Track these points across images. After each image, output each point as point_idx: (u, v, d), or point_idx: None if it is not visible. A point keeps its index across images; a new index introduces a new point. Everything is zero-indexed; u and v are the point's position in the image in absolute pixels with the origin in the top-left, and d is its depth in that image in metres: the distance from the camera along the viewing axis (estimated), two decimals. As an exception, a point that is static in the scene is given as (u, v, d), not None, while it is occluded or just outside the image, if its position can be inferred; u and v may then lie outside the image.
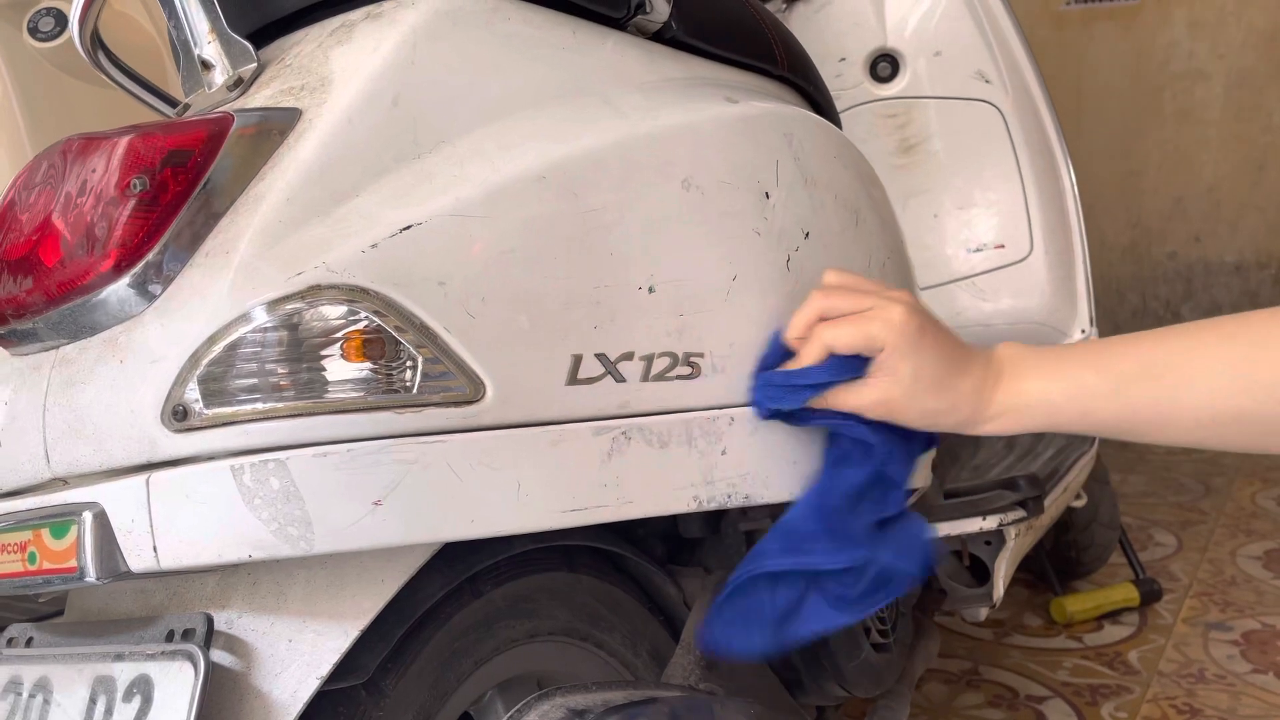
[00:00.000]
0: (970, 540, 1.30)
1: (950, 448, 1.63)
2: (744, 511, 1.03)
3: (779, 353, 0.84)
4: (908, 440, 0.84)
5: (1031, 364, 0.78)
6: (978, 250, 1.89)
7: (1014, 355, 0.79)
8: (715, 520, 1.05)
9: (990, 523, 1.23)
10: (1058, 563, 2.12)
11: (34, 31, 1.56)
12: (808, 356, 0.80)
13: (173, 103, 0.94)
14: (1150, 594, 2.07)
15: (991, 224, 1.89)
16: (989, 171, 1.86)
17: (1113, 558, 2.18)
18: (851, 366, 0.79)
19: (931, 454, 1.03)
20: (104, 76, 0.91)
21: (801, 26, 1.82)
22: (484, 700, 0.88)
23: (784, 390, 0.81)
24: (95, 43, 0.87)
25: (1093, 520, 2.06)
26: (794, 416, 0.83)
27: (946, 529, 1.21)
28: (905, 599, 1.21)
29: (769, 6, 1.75)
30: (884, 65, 1.86)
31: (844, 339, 0.78)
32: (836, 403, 0.80)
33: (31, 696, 0.70)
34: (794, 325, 0.82)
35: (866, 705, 1.26)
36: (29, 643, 0.75)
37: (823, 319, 0.80)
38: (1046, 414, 0.76)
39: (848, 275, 0.84)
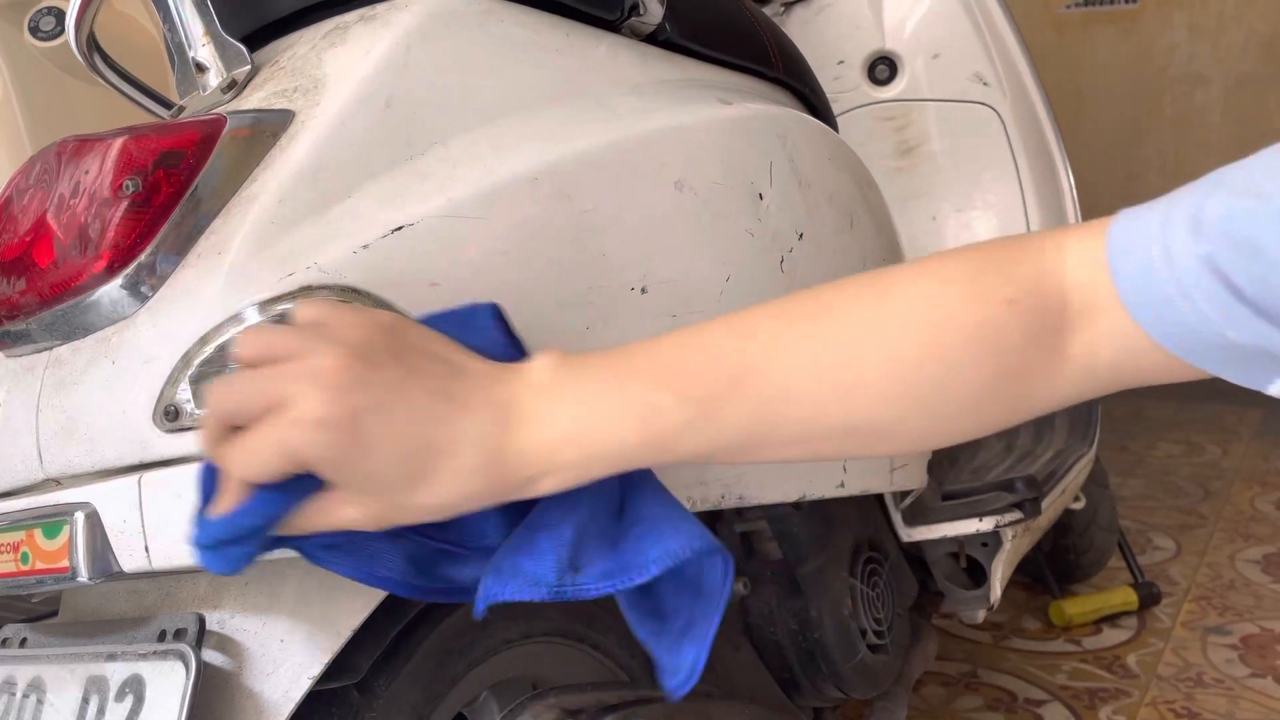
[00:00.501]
0: (968, 542, 1.30)
1: (948, 450, 1.63)
2: (739, 512, 1.04)
3: (213, 477, 0.56)
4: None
5: (580, 394, 0.56)
6: (976, 253, 1.89)
7: (558, 383, 0.57)
8: (711, 521, 1.06)
9: (987, 524, 1.23)
10: (1056, 566, 2.12)
11: (35, 31, 1.57)
12: (226, 497, 0.53)
13: (168, 104, 0.95)
14: (1149, 598, 2.06)
15: (990, 227, 1.89)
16: (987, 174, 1.86)
17: (1111, 561, 2.18)
18: (301, 482, 0.53)
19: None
20: (99, 78, 0.91)
21: (800, 29, 1.83)
22: (478, 701, 0.88)
23: (225, 545, 0.53)
24: (91, 44, 0.88)
25: (1091, 523, 2.06)
26: (289, 546, 0.57)
27: (942, 531, 1.21)
28: (901, 600, 1.21)
29: (766, 9, 1.75)
30: (882, 68, 1.86)
31: (253, 468, 0.52)
32: (313, 526, 0.55)
33: (25, 697, 0.70)
34: (202, 439, 0.55)
35: (864, 707, 1.26)
36: (23, 643, 0.76)
37: (230, 425, 0.54)
38: (615, 459, 0.56)
39: (266, 333, 0.55)
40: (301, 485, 0.53)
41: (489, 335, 0.62)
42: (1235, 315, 0.48)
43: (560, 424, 0.56)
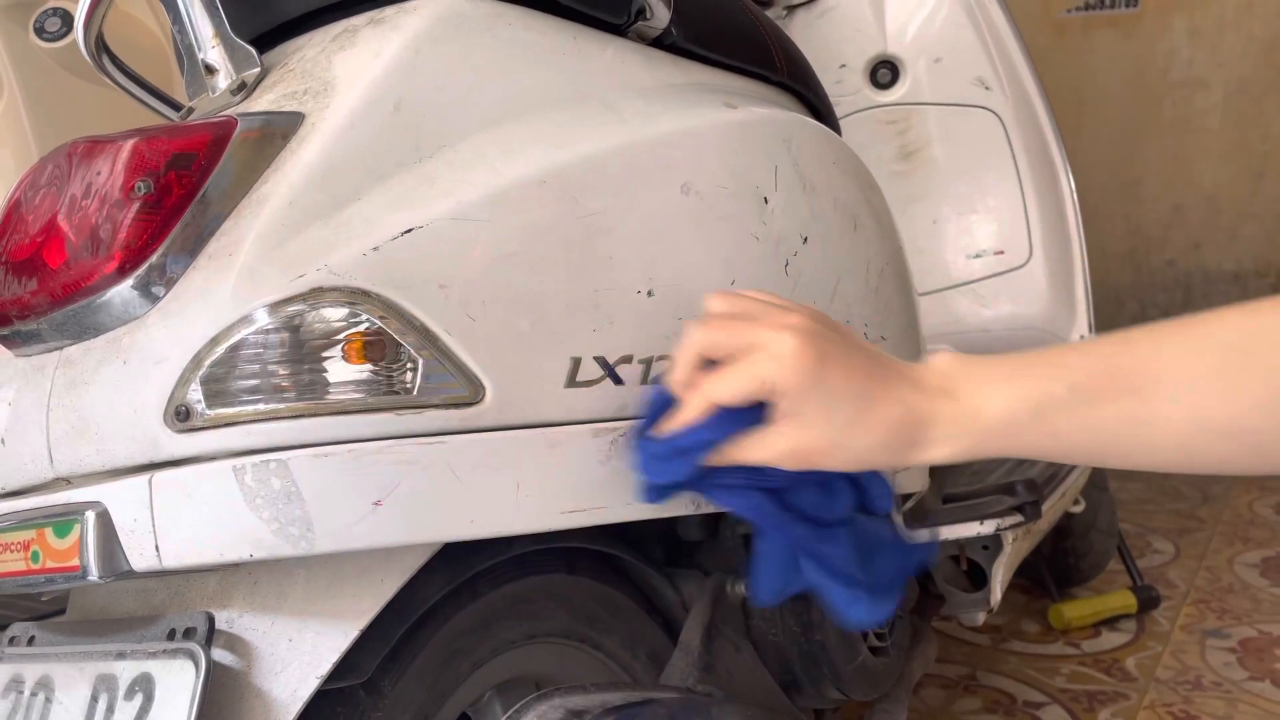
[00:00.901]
0: (968, 545, 1.31)
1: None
2: (742, 515, 1.04)
3: (666, 405, 0.70)
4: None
5: (984, 378, 0.66)
6: (977, 256, 1.90)
7: (961, 370, 0.67)
8: (714, 523, 1.06)
9: (988, 528, 1.23)
10: (1056, 569, 2.12)
11: (40, 31, 1.57)
12: (689, 413, 0.67)
13: (176, 106, 0.95)
14: (1148, 601, 2.07)
15: (991, 230, 1.90)
16: (988, 178, 1.87)
17: (1110, 564, 2.19)
18: (748, 414, 0.66)
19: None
20: (107, 79, 0.91)
21: (802, 33, 1.83)
22: (482, 701, 0.89)
23: (668, 458, 0.68)
24: (100, 46, 0.88)
25: (1091, 527, 2.06)
26: (696, 484, 0.70)
27: (944, 534, 1.21)
28: (903, 603, 1.21)
29: (769, 13, 1.75)
30: (884, 71, 1.87)
31: (729, 389, 0.66)
32: (742, 457, 0.67)
33: (33, 695, 0.71)
34: (675, 370, 0.69)
35: (864, 709, 1.27)
36: (30, 641, 0.76)
37: (706, 359, 0.68)
38: (1009, 436, 0.65)
39: (734, 297, 0.70)
40: (747, 417, 0.66)
41: None
42: None
43: (963, 401, 0.66)
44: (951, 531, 1.22)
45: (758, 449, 0.66)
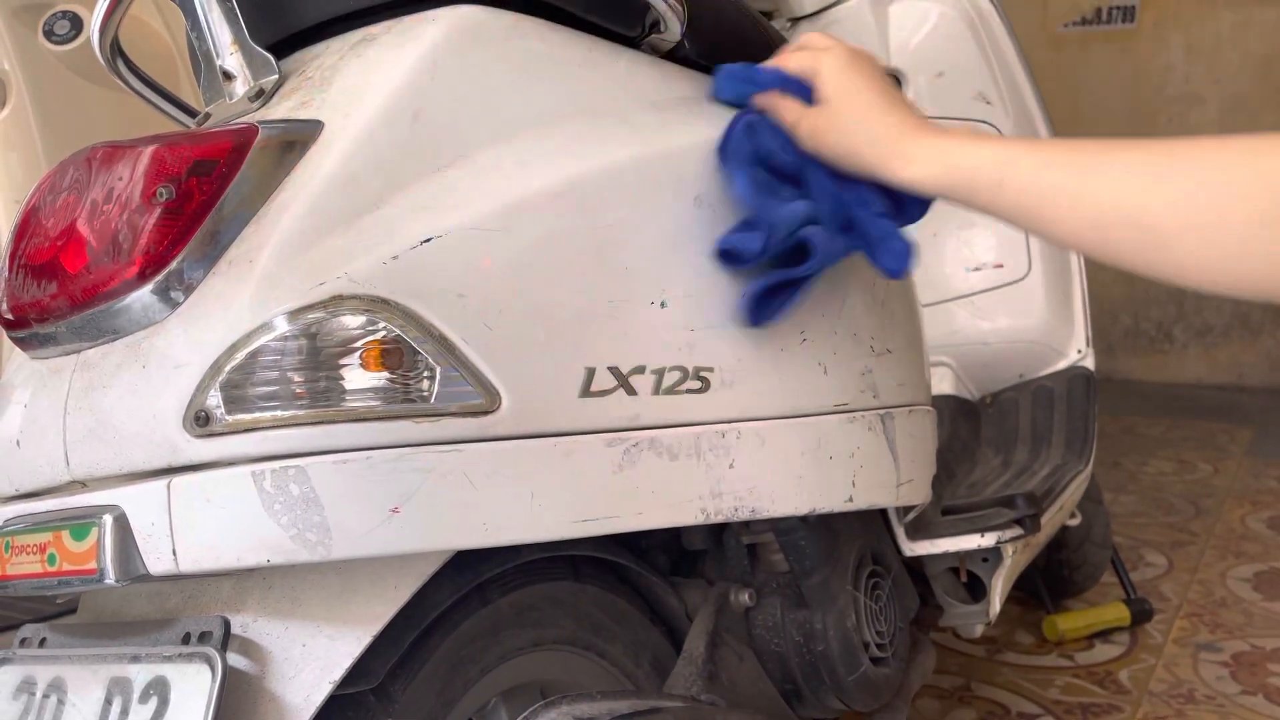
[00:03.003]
0: (968, 557, 1.31)
1: (946, 464, 1.64)
2: (747, 524, 1.05)
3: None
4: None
5: (959, 134, 0.83)
6: (976, 269, 1.91)
7: (940, 123, 0.85)
8: (718, 532, 1.07)
9: (988, 540, 1.24)
10: (1050, 581, 2.13)
11: (49, 34, 1.57)
12: (766, 68, 0.91)
13: (190, 111, 0.95)
14: (1141, 614, 2.08)
15: (990, 243, 1.90)
16: (989, 191, 1.87)
17: (1104, 577, 2.19)
18: (800, 87, 0.88)
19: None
20: (121, 84, 0.92)
21: (805, 45, 1.84)
22: (488, 707, 0.89)
23: (739, 80, 0.91)
24: (115, 50, 0.88)
25: (1085, 539, 2.07)
26: (743, 136, 0.87)
27: (944, 545, 1.22)
28: (903, 613, 1.22)
29: (774, 24, 1.76)
30: (887, 84, 1.87)
31: (791, 62, 0.89)
32: (779, 108, 0.87)
33: (45, 697, 0.71)
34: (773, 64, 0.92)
35: (863, 718, 1.27)
36: (42, 643, 0.76)
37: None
38: (966, 174, 0.80)
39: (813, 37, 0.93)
40: (797, 86, 0.88)
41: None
42: None
43: (942, 138, 0.82)
44: (952, 543, 1.23)
45: (789, 110, 0.87)
